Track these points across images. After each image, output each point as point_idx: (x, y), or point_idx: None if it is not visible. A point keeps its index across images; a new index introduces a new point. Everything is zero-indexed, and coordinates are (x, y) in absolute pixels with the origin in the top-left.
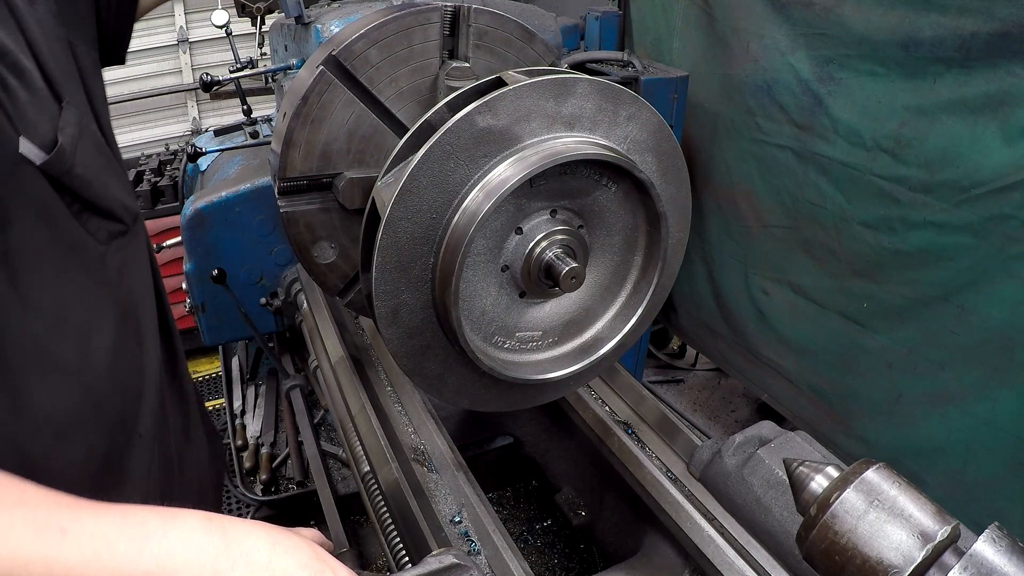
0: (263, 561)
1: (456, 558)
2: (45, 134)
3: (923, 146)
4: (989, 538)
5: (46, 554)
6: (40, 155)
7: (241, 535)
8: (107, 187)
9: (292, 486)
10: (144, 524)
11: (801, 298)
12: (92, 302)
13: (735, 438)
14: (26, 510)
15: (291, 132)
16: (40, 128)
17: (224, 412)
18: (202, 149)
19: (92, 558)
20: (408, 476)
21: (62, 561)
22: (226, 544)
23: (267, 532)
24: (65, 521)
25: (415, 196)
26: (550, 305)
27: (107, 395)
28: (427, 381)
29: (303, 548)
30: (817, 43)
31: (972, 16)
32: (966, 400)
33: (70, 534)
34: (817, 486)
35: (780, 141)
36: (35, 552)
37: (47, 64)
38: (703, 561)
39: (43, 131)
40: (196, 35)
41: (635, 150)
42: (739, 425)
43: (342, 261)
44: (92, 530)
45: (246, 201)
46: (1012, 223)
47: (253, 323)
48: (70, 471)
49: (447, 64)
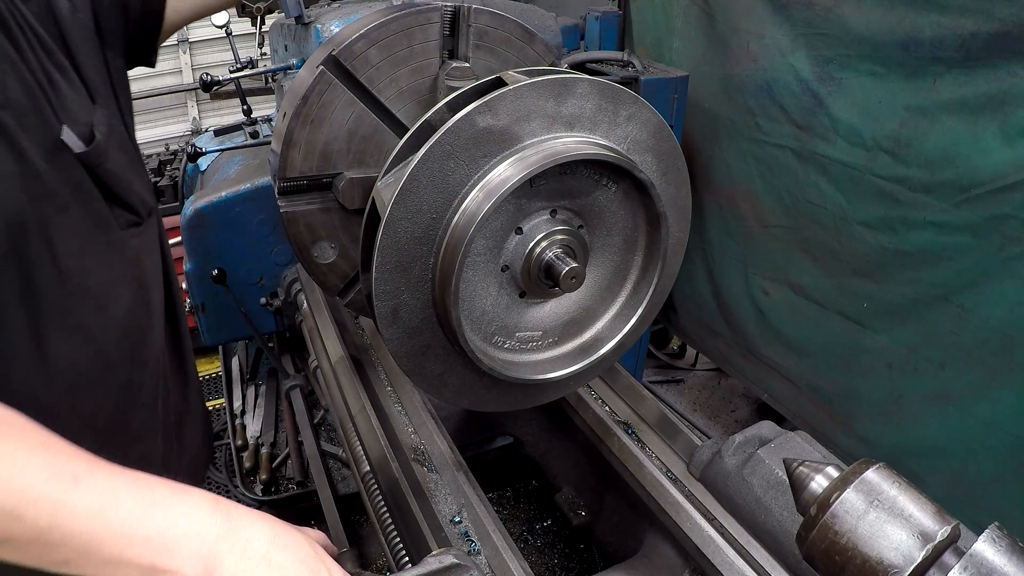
0: (261, 551)
1: (456, 558)
2: (83, 128)
3: (923, 146)
4: (989, 538)
5: (56, 497)
6: (79, 145)
7: (244, 522)
8: (131, 183)
9: (292, 486)
10: (154, 491)
11: (801, 298)
12: (111, 276)
13: (735, 438)
14: (46, 453)
15: (291, 132)
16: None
17: (224, 412)
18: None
19: (98, 511)
20: (408, 476)
21: (69, 507)
22: (228, 528)
23: (270, 524)
24: (80, 471)
25: (415, 196)
26: (550, 305)
27: (116, 360)
28: (427, 381)
29: (303, 545)
30: (817, 43)
31: (972, 16)
32: (966, 400)
33: (83, 484)
34: (817, 486)
35: (780, 141)
36: (46, 493)
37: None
38: (703, 561)
39: (81, 125)
40: (196, 35)
41: (635, 150)
42: (739, 425)
43: (342, 261)
44: (104, 485)
45: (246, 201)
46: (1012, 223)
47: (253, 323)
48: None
49: (447, 64)
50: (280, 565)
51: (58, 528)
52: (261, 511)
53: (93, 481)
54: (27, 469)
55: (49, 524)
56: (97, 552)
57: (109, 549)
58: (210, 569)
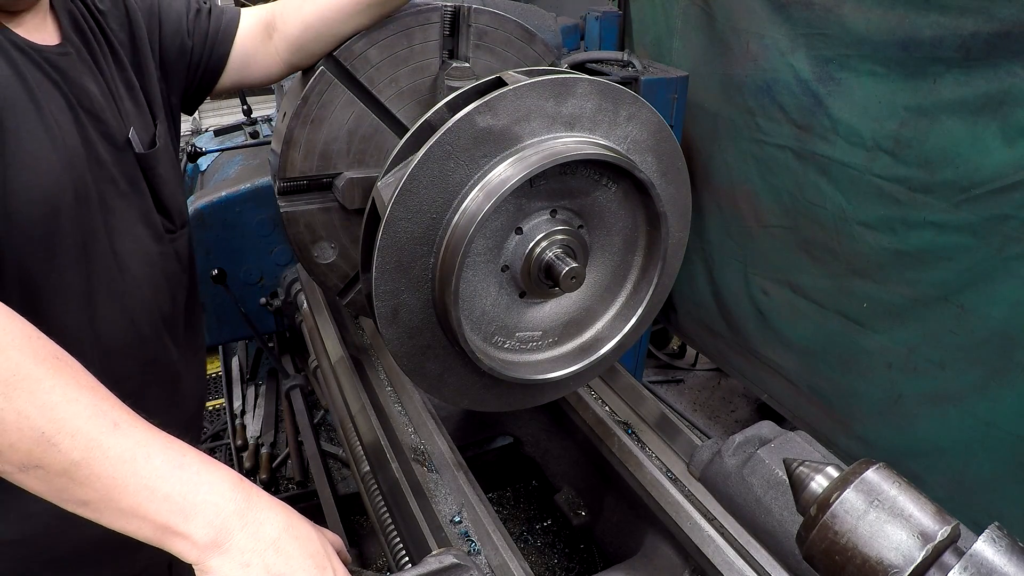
0: (271, 536)
1: (456, 558)
2: (146, 135)
3: (923, 146)
4: (989, 538)
5: (94, 436)
6: (141, 146)
7: (262, 505)
8: (175, 195)
9: (292, 486)
10: (184, 455)
11: (801, 298)
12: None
13: (735, 438)
14: (94, 396)
15: (291, 132)
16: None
17: (224, 412)
18: (202, 149)
19: (129, 459)
20: (408, 476)
21: (104, 448)
22: (246, 506)
23: (286, 514)
24: (122, 420)
25: (415, 196)
26: (550, 305)
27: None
28: (427, 381)
29: (314, 540)
30: (817, 43)
31: (972, 16)
32: (966, 400)
33: (121, 431)
34: (817, 486)
35: (780, 141)
36: (86, 429)
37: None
38: (703, 561)
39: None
40: None
41: (635, 150)
42: (739, 425)
43: (342, 261)
44: (140, 437)
45: (246, 201)
46: (1012, 223)
47: (253, 323)
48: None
49: (447, 64)
50: (288, 554)
51: (88, 465)
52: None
53: (131, 431)
54: (73, 404)
55: (81, 459)
56: (118, 499)
57: (130, 499)
58: (219, 541)
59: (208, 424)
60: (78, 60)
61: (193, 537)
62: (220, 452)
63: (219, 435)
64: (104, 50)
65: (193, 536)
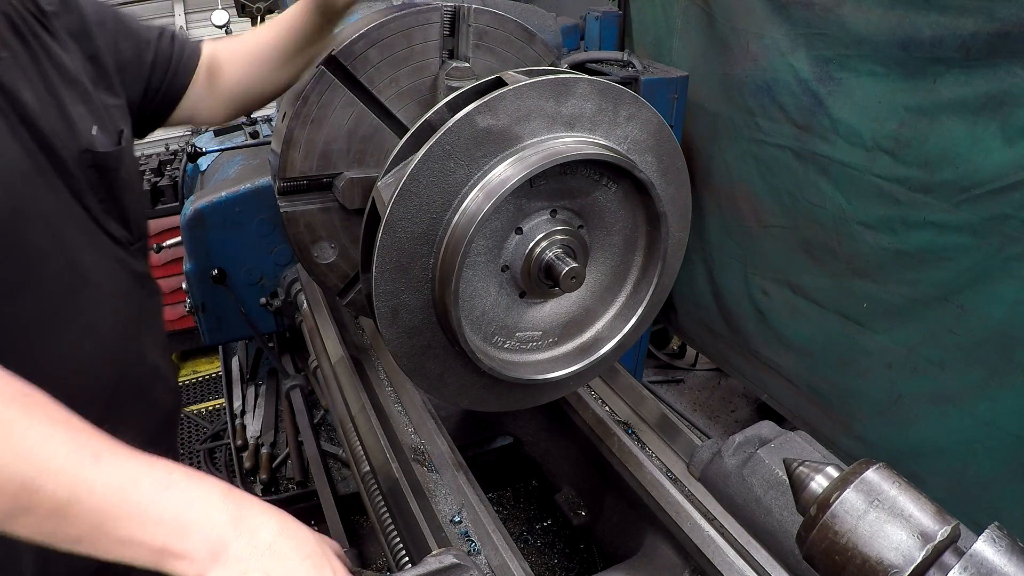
0: (267, 540)
1: (456, 558)
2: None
3: (923, 146)
4: (989, 538)
5: (76, 471)
6: (106, 144)
7: (254, 512)
8: (136, 202)
9: (292, 486)
10: (170, 474)
11: (801, 298)
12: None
13: (735, 438)
14: (69, 430)
15: (291, 132)
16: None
17: (224, 412)
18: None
19: (117, 488)
20: (408, 476)
21: (89, 482)
22: (238, 516)
23: (279, 518)
24: (102, 449)
25: (415, 196)
26: (550, 305)
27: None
28: (427, 381)
29: (309, 540)
30: (817, 43)
31: (972, 16)
32: (966, 400)
33: (103, 461)
34: (817, 486)
35: (780, 141)
36: (67, 466)
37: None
38: (703, 561)
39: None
40: (196, 35)
41: (635, 150)
42: (739, 425)
43: (342, 261)
44: (124, 464)
45: (246, 201)
46: (1012, 223)
47: (253, 323)
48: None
49: (447, 64)
50: (285, 556)
51: (77, 502)
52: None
53: (114, 460)
54: (50, 442)
55: (68, 498)
56: (112, 530)
57: (124, 528)
58: (216, 553)
59: (208, 424)
60: (14, 65)
61: (191, 555)
62: (220, 452)
63: (219, 435)
64: (50, 52)
65: (191, 554)
